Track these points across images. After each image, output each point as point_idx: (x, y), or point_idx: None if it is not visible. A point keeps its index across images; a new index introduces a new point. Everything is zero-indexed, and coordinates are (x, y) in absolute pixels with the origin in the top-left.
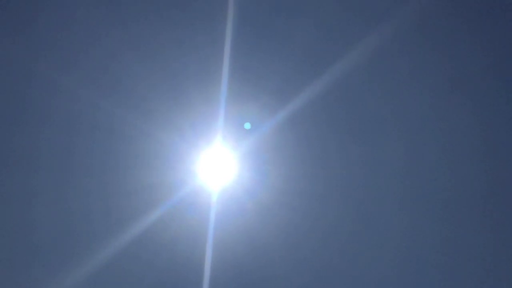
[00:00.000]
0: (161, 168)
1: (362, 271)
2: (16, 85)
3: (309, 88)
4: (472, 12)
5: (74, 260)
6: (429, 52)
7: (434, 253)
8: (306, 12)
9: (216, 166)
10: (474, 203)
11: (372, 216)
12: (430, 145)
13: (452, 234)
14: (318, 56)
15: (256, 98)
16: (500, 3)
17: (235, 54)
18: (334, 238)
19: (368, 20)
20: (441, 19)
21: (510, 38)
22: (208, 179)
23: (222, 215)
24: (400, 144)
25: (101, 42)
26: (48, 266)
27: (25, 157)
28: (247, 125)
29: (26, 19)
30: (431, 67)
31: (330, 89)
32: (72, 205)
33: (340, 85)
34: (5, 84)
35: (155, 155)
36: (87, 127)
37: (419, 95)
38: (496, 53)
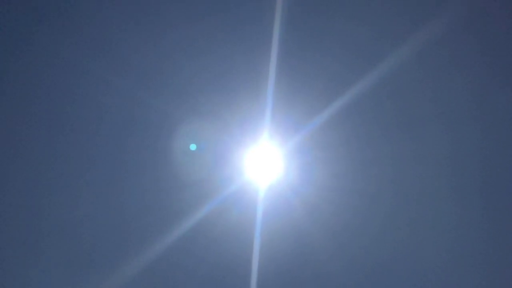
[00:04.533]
0: (209, 165)
1: (413, 270)
2: (71, 85)
3: (357, 85)
4: None
5: (125, 255)
6: (479, 48)
7: (492, 251)
8: (353, 9)
9: (263, 163)
10: None
11: (422, 213)
12: (481, 140)
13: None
14: (365, 53)
15: (303, 96)
16: None
17: (282, 52)
18: (383, 237)
19: (416, 17)
20: (488, 15)
21: None
22: (255, 177)
23: (269, 212)
24: (450, 140)
25: (153, 43)
26: (100, 260)
27: (80, 155)
28: (193, 146)
29: (81, 21)
30: (481, 63)
31: (378, 86)
32: (123, 201)
33: (388, 82)
34: (61, 84)
35: (203, 153)
36: (140, 125)
37: (468, 91)
38: None
